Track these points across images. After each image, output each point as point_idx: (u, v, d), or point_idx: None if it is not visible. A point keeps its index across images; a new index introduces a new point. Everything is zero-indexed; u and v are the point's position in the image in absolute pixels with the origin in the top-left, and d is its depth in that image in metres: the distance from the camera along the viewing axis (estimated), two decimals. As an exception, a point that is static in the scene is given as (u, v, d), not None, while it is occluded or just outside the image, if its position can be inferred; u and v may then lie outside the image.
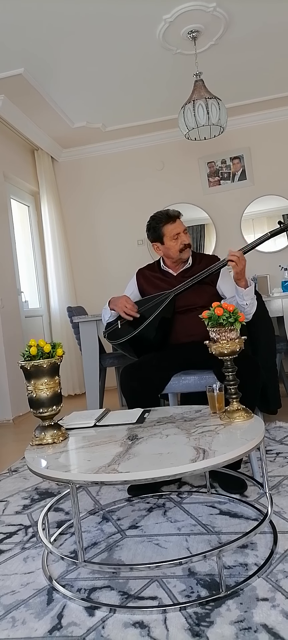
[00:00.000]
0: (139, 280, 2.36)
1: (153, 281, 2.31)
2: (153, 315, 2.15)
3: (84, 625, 1.18)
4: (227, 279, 2.27)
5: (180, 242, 2.22)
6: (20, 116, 4.16)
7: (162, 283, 2.28)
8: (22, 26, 2.98)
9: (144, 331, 2.16)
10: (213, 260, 2.30)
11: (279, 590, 1.21)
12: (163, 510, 1.76)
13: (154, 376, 2.01)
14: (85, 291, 5.00)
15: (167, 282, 2.27)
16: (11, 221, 4.40)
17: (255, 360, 1.88)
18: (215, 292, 2.24)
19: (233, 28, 3.28)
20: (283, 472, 1.98)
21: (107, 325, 2.33)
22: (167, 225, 2.23)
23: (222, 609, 1.17)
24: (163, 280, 2.29)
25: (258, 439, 1.35)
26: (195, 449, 1.29)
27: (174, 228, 2.22)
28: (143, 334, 2.17)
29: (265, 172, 4.70)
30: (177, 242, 2.22)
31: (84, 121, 4.46)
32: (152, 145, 4.92)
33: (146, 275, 2.36)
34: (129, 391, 1.98)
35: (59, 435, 1.55)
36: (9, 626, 1.21)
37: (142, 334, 2.17)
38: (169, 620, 1.16)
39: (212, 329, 1.53)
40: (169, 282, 2.27)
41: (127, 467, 1.23)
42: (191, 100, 3.25)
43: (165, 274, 2.32)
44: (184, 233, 2.24)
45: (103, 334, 2.36)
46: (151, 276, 2.34)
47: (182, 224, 2.25)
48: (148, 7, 2.96)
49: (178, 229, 2.22)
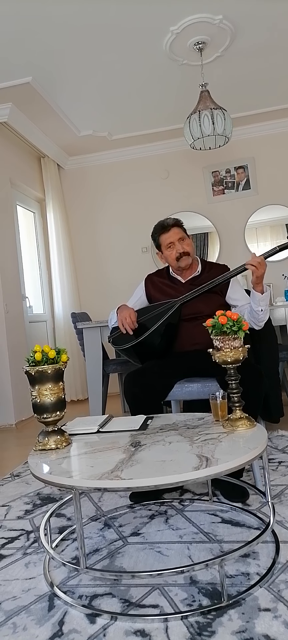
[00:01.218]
0: (147, 285, 2.36)
1: (161, 287, 2.31)
2: (159, 322, 2.15)
3: (85, 632, 1.18)
4: (237, 287, 2.27)
5: (175, 250, 2.22)
6: (28, 124, 4.21)
7: (170, 290, 2.28)
8: (30, 36, 3.03)
9: (149, 338, 2.17)
10: (223, 270, 2.28)
11: (281, 600, 1.20)
12: (165, 518, 1.76)
13: (157, 383, 2.02)
14: (89, 297, 5.02)
15: (175, 289, 2.26)
16: (17, 227, 4.44)
17: (258, 369, 1.88)
18: (223, 302, 2.22)
19: (239, 40, 3.31)
20: (286, 481, 1.98)
21: (112, 330, 2.33)
22: (162, 235, 2.27)
23: (224, 618, 1.16)
24: (172, 287, 2.29)
25: (261, 447, 1.35)
26: (198, 456, 1.29)
27: (168, 237, 2.24)
28: (147, 341, 2.17)
29: (269, 182, 4.72)
30: (173, 251, 2.23)
31: (90, 129, 4.50)
32: (157, 154, 4.96)
33: (154, 281, 2.36)
34: (131, 397, 1.99)
35: (62, 440, 1.56)
36: (9, 632, 1.21)
37: (146, 340, 2.17)
38: (170, 629, 1.15)
39: (215, 337, 1.53)
40: (177, 289, 2.26)
41: (130, 474, 1.24)
42: (197, 110, 3.28)
43: (173, 280, 2.31)
44: (180, 241, 2.23)
45: (108, 338, 2.36)
46: (159, 282, 2.34)
47: (177, 233, 2.24)
48: (155, 18, 3.00)
49: (171, 238, 2.23)
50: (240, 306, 2.20)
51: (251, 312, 2.08)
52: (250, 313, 2.10)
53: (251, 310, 2.08)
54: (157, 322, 2.16)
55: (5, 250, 4.04)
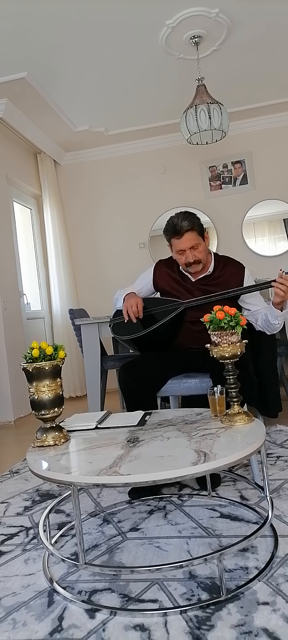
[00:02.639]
0: (156, 274, 2.25)
1: (169, 282, 2.20)
2: (161, 322, 2.13)
3: (84, 627, 1.18)
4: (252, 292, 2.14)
5: (185, 258, 2.08)
6: (23, 119, 4.18)
7: (178, 286, 2.18)
8: (25, 31, 3.00)
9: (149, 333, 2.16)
10: (239, 269, 2.15)
11: (280, 594, 1.21)
12: (164, 513, 1.76)
13: (151, 375, 2.01)
14: (86, 294, 5.01)
15: (184, 288, 2.16)
16: (13, 224, 4.42)
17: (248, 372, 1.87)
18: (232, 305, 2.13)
19: (236, 33, 3.29)
20: (284, 476, 1.99)
21: (115, 314, 2.28)
22: (173, 239, 2.10)
23: (223, 612, 1.17)
24: (181, 284, 2.18)
25: (259, 442, 1.35)
26: (196, 451, 1.30)
27: (179, 244, 2.07)
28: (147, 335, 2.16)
29: (267, 177, 4.71)
30: (182, 257, 2.09)
31: (87, 125, 4.48)
32: (154, 150, 4.94)
33: (164, 272, 2.24)
34: (126, 388, 1.99)
35: (61, 437, 1.56)
36: (9, 628, 1.21)
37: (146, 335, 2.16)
38: (170, 623, 1.16)
39: (213, 332, 1.54)
40: (186, 287, 2.16)
41: (129, 470, 1.24)
42: (193, 104, 3.26)
43: (183, 277, 2.19)
44: (192, 249, 2.06)
45: (109, 322, 2.31)
46: (169, 275, 2.22)
47: (190, 239, 2.05)
48: (151, 12, 2.98)
49: (183, 246, 2.06)
50: (254, 311, 2.10)
51: (266, 321, 2.02)
52: (265, 321, 2.04)
53: (267, 320, 2.01)
54: (160, 320, 2.14)
55: (2, 247, 4.03)
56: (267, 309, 2.02)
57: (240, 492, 1.86)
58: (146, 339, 2.16)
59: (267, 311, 2.02)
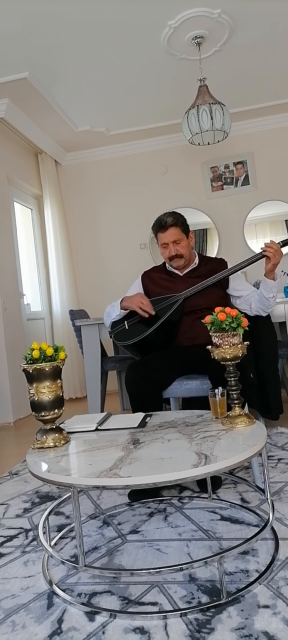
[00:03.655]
0: (144, 281, 2.36)
1: (159, 282, 2.32)
2: (163, 319, 2.15)
3: (84, 630, 1.17)
4: (240, 278, 2.29)
5: (168, 251, 2.24)
6: (25, 119, 4.18)
7: (168, 284, 2.28)
8: (27, 31, 3.00)
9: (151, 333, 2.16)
10: (220, 263, 2.30)
11: (280, 597, 1.20)
12: (164, 515, 1.75)
13: (158, 375, 2.02)
14: (87, 294, 5.01)
15: (174, 283, 2.27)
16: (14, 224, 4.41)
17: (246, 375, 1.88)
18: (223, 295, 2.23)
19: (238, 34, 3.29)
20: (285, 479, 1.98)
21: (112, 325, 2.31)
22: (158, 233, 2.27)
23: (223, 615, 1.16)
24: (170, 281, 2.29)
25: (260, 444, 1.34)
26: (197, 454, 1.29)
27: (163, 237, 2.24)
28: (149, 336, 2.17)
29: (268, 178, 4.70)
30: (165, 251, 2.25)
31: (88, 125, 4.48)
32: (156, 150, 4.93)
33: (152, 276, 2.36)
34: (133, 386, 1.98)
35: (61, 438, 1.55)
36: (8, 630, 1.21)
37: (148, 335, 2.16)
38: (170, 626, 1.15)
39: (214, 333, 1.53)
40: (176, 282, 2.27)
41: (129, 472, 1.23)
42: (195, 105, 3.26)
43: (171, 274, 2.32)
44: (175, 244, 2.22)
45: (109, 333, 2.33)
46: (157, 277, 2.34)
47: (173, 234, 2.21)
48: (153, 13, 2.98)
49: (166, 239, 2.23)
50: (245, 296, 2.21)
51: (260, 299, 2.11)
52: (259, 301, 2.12)
53: (260, 298, 2.10)
54: (161, 318, 2.15)
55: (3, 247, 4.03)
56: (261, 285, 2.10)
57: (241, 495, 1.86)
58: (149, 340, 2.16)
59: (260, 289, 2.10)
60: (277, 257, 2.03)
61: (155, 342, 2.17)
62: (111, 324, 2.31)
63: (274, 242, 2.06)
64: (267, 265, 2.06)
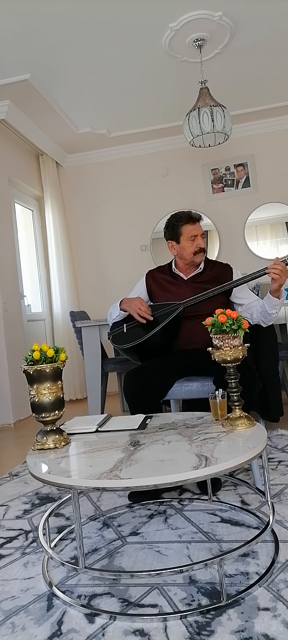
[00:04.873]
0: (148, 281, 2.34)
1: (163, 284, 2.30)
2: (162, 324, 2.13)
3: (83, 632, 1.17)
4: (242, 287, 2.23)
5: (196, 244, 2.21)
6: (26, 121, 4.19)
7: (172, 287, 2.27)
8: (28, 33, 3.01)
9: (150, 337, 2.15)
10: (226, 269, 2.27)
11: (280, 600, 1.20)
12: (164, 517, 1.75)
13: (156, 381, 2.01)
14: (87, 296, 5.01)
15: (177, 286, 2.26)
16: (15, 225, 4.42)
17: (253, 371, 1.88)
18: (225, 301, 2.19)
19: (239, 36, 3.30)
20: (285, 481, 1.97)
21: (112, 326, 2.30)
22: (186, 225, 2.23)
23: (223, 618, 1.16)
24: (174, 284, 2.28)
25: (260, 447, 1.34)
26: (197, 456, 1.29)
27: (193, 229, 2.22)
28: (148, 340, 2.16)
29: (269, 180, 4.71)
30: (193, 244, 2.21)
31: (89, 127, 4.48)
32: (157, 152, 4.94)
33: (156, 277, 2.34)
34: (131, 395, 1.98)
35: (61, 440, 1.55)
36: (8, 632, 1.21)
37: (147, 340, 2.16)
38: (170, 628, 1.15)
39: (215, 335, 1.53)
40: (179, 286, 2.26)
41: (129, 474, 1.23)
42: (196, 107, 3.26)
43: (175, 277, 2.30)
44: (202, 237, 2.24)
45: (107, 335, 2.34)
46: (161, 279, 2.32)
47: (200, 228, 2.26)
48: (154, 15, 2.98)
49: (196, 231, 2.23)
50: (247, 304, 2.19)
51: (263, 312, 2.08)
52: (261, 313, 2.09)
53: (263, 311, 2.07)
54: (160, 324, 2.14)
55: (3, 248, 4.03)
56: (265, 300, 2.07)
57: (241, 497, 1.85)
58: (148, 345, 2.16)
59: (263, 302, 2.07)
60: (283, 279, 1.95)
61: (155, 346, 2.17)
62: (112, 324, 2.31)
63: (279, 262, 1.97)
64: (272, 285, 2.00)
